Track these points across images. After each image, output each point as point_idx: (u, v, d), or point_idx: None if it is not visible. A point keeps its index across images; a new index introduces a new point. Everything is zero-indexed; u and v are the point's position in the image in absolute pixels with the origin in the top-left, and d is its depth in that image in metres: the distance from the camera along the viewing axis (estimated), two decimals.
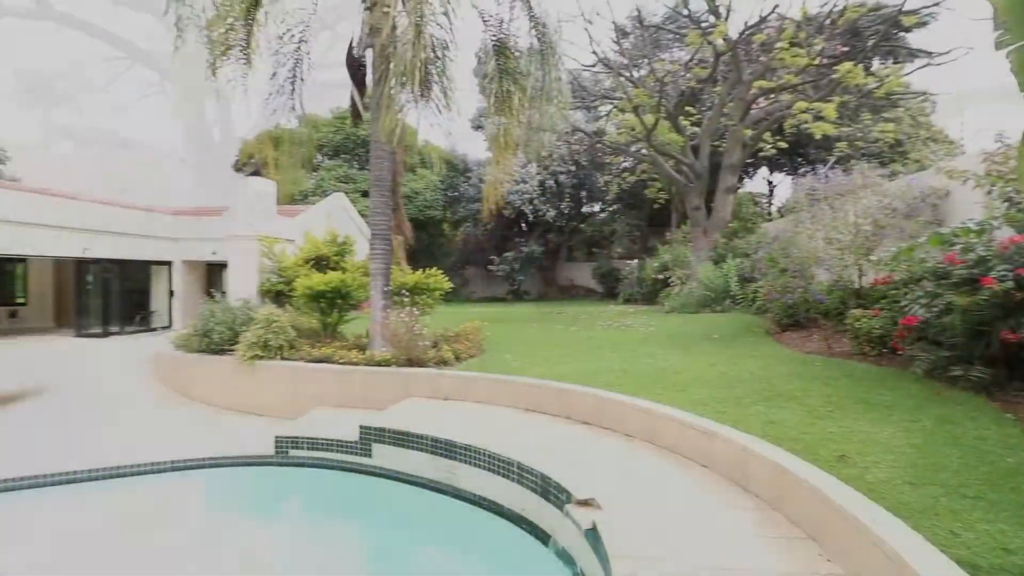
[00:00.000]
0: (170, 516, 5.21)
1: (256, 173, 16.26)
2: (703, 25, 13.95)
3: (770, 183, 26.14)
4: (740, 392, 5.42)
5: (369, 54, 7.21)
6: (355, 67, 7.56)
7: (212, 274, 18.60)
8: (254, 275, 13.76)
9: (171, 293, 17.61)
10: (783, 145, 15.49)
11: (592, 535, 3.38)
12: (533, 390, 6.17)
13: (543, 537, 4.09)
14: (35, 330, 17.12)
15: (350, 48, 7.55)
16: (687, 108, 16.56)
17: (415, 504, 4.98)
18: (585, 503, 3.71)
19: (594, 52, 15.09)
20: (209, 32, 6.08)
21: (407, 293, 8.72)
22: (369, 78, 7.31)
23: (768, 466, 3.56)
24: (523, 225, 27.25)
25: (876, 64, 15.50)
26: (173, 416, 7.45)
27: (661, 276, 16.22)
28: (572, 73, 17.61)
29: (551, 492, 4.08)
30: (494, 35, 7.40)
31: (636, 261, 21.23)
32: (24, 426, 6.96)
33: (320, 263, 12.92)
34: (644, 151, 17.44)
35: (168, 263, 17.47)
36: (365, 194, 22.07)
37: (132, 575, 4.01)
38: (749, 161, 21.79)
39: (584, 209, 29.37)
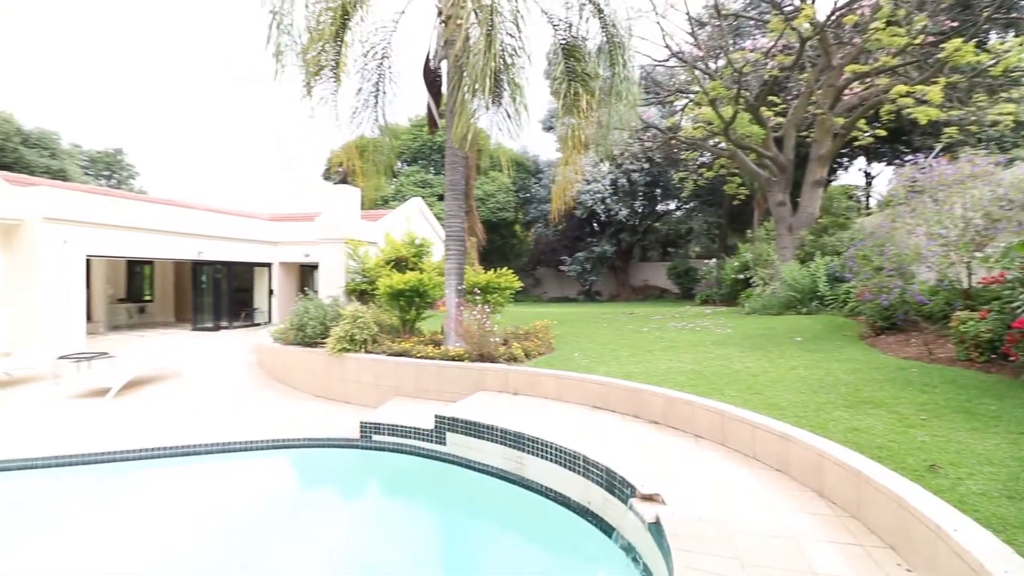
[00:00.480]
0: (269, 488, 5.85)
1: (343, 181, 17.50)
2: (786, 10, 13.13)
3: (867, 174, 24.00)
4: (822, 397, 5.15)
5: (444, 66, 7.62)
6: (431, 78, 8.01)
7: (305, 274, 20.23)
8: (341, 275, 14.85)
9: (271, 292, 19.37)
10: (881, 133, 14.20)
11: (655, 529, 3.43)
12: (601, 388, 6.22)
13: (607, 529, 4.17)
14: (159, 324, 19.58)
15: (427, 60, 8.00)
16: (770, 98, 15.64)
17: (485, 491, 5.23)
18: (649, 498, 3.75)
19: (667, 46, 14.71)
20: (304, 56, 6.76)
21: (479, 292, 9.07)
22: (444, 89, 7.70)
23: (847, 472, 3.41)
24: (595, 225, 27.05)
25: (992, 38, 13.80)
26: (273, 400, 8.29)
27: (741, 276, 15.50)
28: (644, 69, 17.26)
29: (616, 486, 4.15)
30: (563, 38, 7.52)
31: (714, 260, 20.37)
32: (159, 404, 8.07)
33: (400, 264, 13.73)
34: (722, 145, 16.71)
35: (268, 265, 19.23)
36: (441, 198, 23.00)
37: (236, 539, 4.59)
38: (843, 152, 20.19)
39: (659, 207, 28.59)
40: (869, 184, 23.67)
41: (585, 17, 7.46)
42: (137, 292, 20.87)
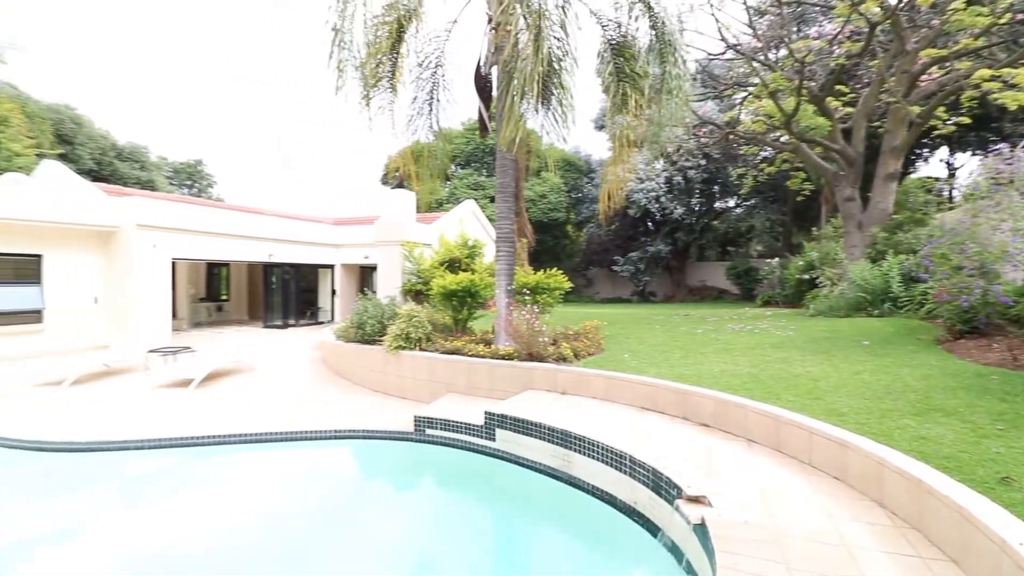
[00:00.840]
0: (330, 475, 6.24)
1: (399, 185, 18.18)
2: None
3: (950, 165, 22.10)
4: (888, 404, 4.90)
5: (495, 72, 7.81)
6: (482, 84, 8.22)
7: (365, 275, 21.16)
8: (398, 276, 15.43)
9: (333, 292, 20.40)
10: (965, 121, 13.08)
11: (701, 531, 3.42)
12: (650, 389, 6.18)
13: (653, 529, 4.17)
14: (234, 321, 21.09)
15: (478, 67, 8.22)
16: (837, 87, 14.76)
17: (532, 487, 5.35)
18: (696, 499, 3.73)
19: (723, 39, 14.22)
20: (362, 69, 7.15)
21: (528, 292, 9.20)
22: (495, 94, 7.89)
23: (908, 481, 3.25)
24: (649, 224, 26.51)
25: None
26: (335, 394, 8.79)
27: (806, 276, 14.74)
28: (699, 63, 16.78)
29: (662, 487, 4.15)
30: (611, 38, 7.51)
31: (777, 260, 19.44)
32: (234, 395, 8.77)
33: (453, 265, 14.09)
34: (784, 139, 15.95)
35: (331, 266, 20.27)
36: (493, 199, 23.35)
37: (298, 521, 4.95)
38: (922, 142, 18.75)
39: (717, 205, 27.62)
40: (952, 176, 21.79)
41: (634, 16, 7.41)
42: (215, 292, 22.60)
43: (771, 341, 8.92)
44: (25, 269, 12.49)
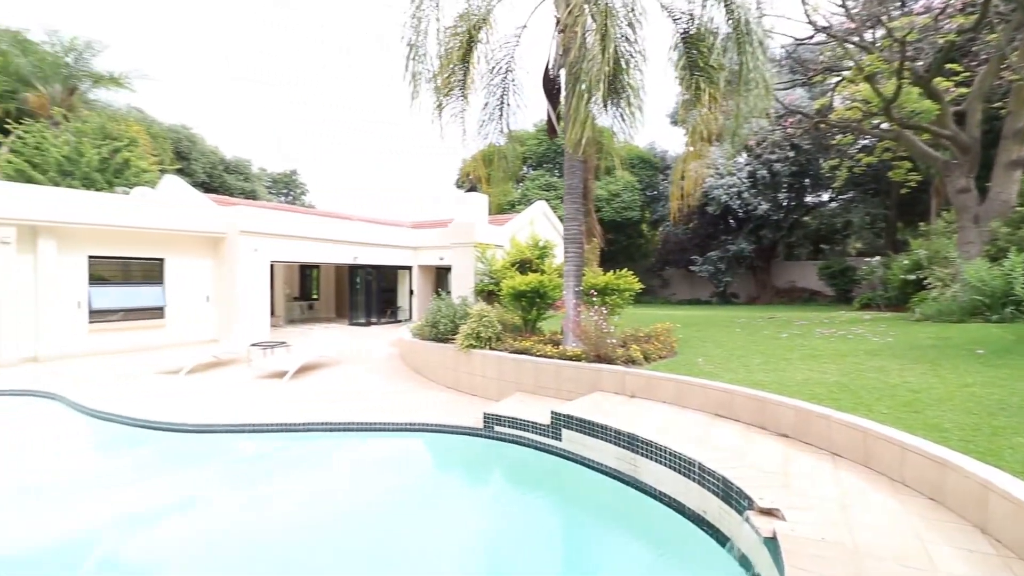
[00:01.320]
0: (403, 465, 6.60)
1: (472, 189, 18.70)
2: None
3: None
4: (1001, 421, 4.37)
5: (563, 74, 7.85)
6: (550, 87, 8.29)
7: (440, 276, 21.97)
8: (471, 277, 15.89)
9: (411, 292, 21.38)
10: None
11: (772, 545, 3.27)
12: (724, 395, 5.94)
13: (722, 540, 4.03)
14: (322, 319, 22.72)
15: (546, 69, 8.30)
16: (948, 66, 13.21)
17: (597, 489, 5.34)
18: (768, 512, 3.57)
19: (811, 22, 13.21)
20: (435, 80, 7.49)
21: (595, 293, 9.14)
22: (563, 96, 7.93)
23: (1019, 507, 2.91)
24: (730, 221, 25.17)
25: None
26: (410, 389, 9.24)
27: (912, 276, 13.37)
28: (785, 49, 15.70)
29: (733, 497, 4.00)
30: (683, 30, 7.28)
31: (878, 258, 17.73)
32: (322, 386, 9.51)
33: (524, 266, 14.28)
34: (884, 126, 14.52)
35: (409, 268, 21.25)
36: None
37: (373, 507, 5.30)
38: None
39: (808, 199, 25.68)
40: None
41: (708, 6, 7.13)
42: (307, 291, 24.50)
43: (866, 348, 8.22)
44: (150, 271, 14.33)
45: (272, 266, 16.98)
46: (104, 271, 13.44)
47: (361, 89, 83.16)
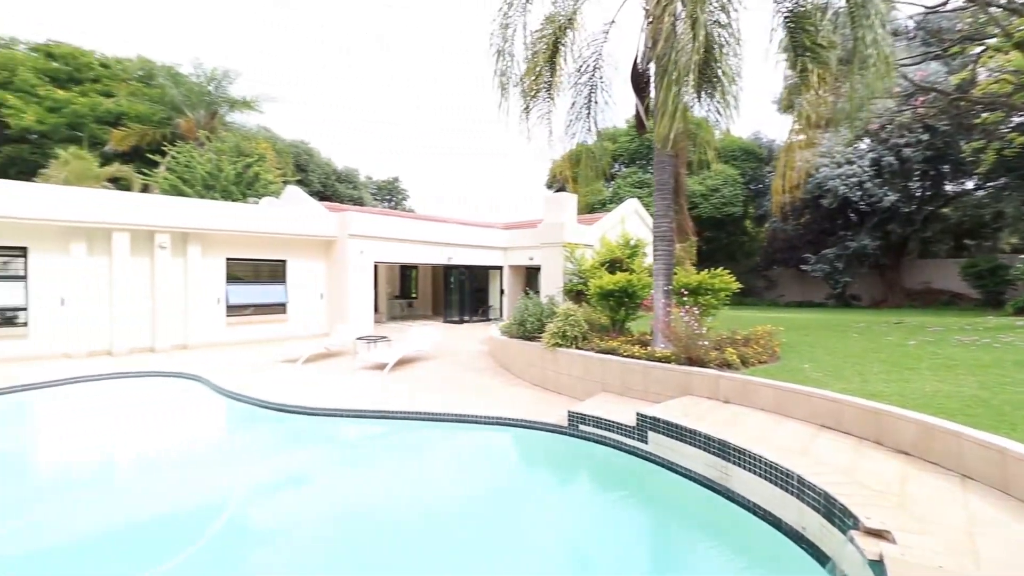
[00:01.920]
0: (491, 458, 6.82)
1: (561, 189, 18.73)
2: None
3: None
4: None
5: (652, 68, 7.62)
6: (639, 81, 8.08)
7: (530, 276, 22.25)
8: (560, 276, 15.94)
9: (501, 291, 21.89)
10: None
11: (878, 568, 2.96)
12: (832, 405, 5.43)
13: (822, 559, 3.71)
14: (420, 316, 24.00)
15: (634, 64, 8.11)
16: None
17: (685, 495, 5.13)
18: (876, 533, 3.23)
19: None
20: (522, 84, 7.65)
21: (686, 293, 8.75)
22: (652, 91, 7.71)
23: None
24: (850, 215, 22.63)
25: None
26: (498, 384, 9.51)
27: None
28: (915, 20, 13.82)
29: (835, 514, 3.66)
30: (786, 9, 6.72)
31: None
32: (417, 379, 10.11)
33: (614, 265, 14.03)
34: None
35: (500, 268, 21.78)
36: None
37: (461, 495, 5.54)
38: None
39: (947, 187, 22.37)
40: None
41: None
42: (407, 290, 26.06)
43: (1016, 358, 7.07)
44: (275, 271, 16.16)
45: (376, 266, 18.29)
46: (238, 271, 15.38)
47: (453, 96, 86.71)
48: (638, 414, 6.07)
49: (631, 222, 20.29)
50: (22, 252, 11.99)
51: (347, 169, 40.55)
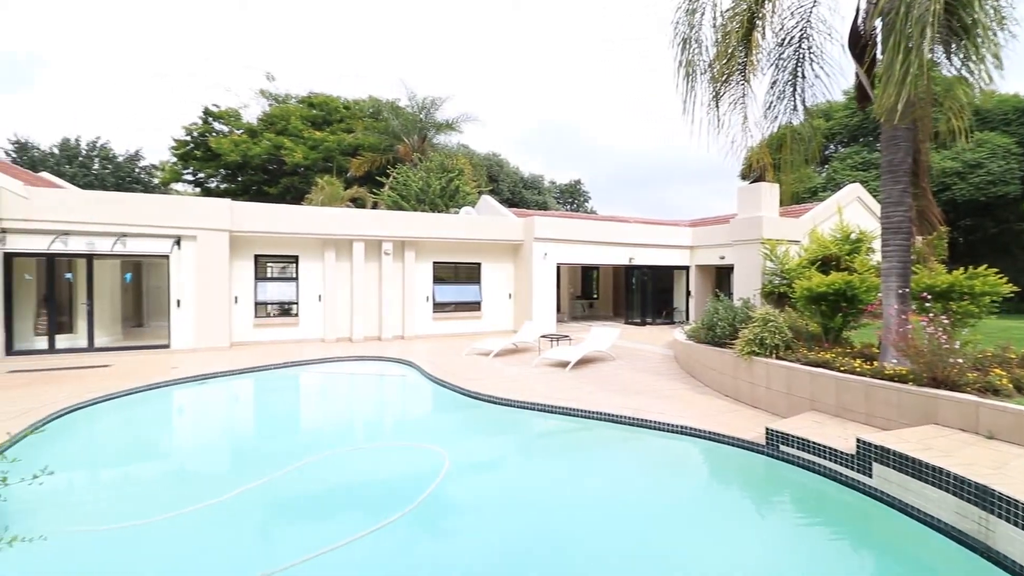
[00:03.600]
0: (676, 468, 6.48)
1: (758, 179, 16.78)
2: None
3: None
4: None
5: (878, 25, 6.32)
6: (859, 45, 6.77)
7: (721, 276, 20.53)
8: (757, 277, 14.35)
9: (688, 293, 20.65)
10: None
11: None
12: None
13: None
14: (600, 317, 24.02)
15: (853, 25, 6.82)
16: None
17: (926, 547, 4.15)
18: None
19: None
20: (711, 69, 7.07)
21: (930, 297, 7.03)
22: (878, 55, 6.40)
23: None
24: None
25: None
26: (682, 391, 8.99)
27: None
28: None
29: None
30: None
31: None
32: (598, 378, 10.18)
33: (827, 263, 12.06)
34: None
35: (686, 268, 20.58)
36: None
37: (639, 501, 5.37)
38: None
39: None
40: None
41: None
42: (588, 291, 26.39)
43: None
44: (471, 273, 18.02)
45: (558, 268, 18.94)
46: (442, 273, 17.59)
47: (633, 89, 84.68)
48: (859, 440, 5.13)
49: (853, 211, 17.20)
50: (294, 259, 15.75)
51: (532, 176, 42.81)
